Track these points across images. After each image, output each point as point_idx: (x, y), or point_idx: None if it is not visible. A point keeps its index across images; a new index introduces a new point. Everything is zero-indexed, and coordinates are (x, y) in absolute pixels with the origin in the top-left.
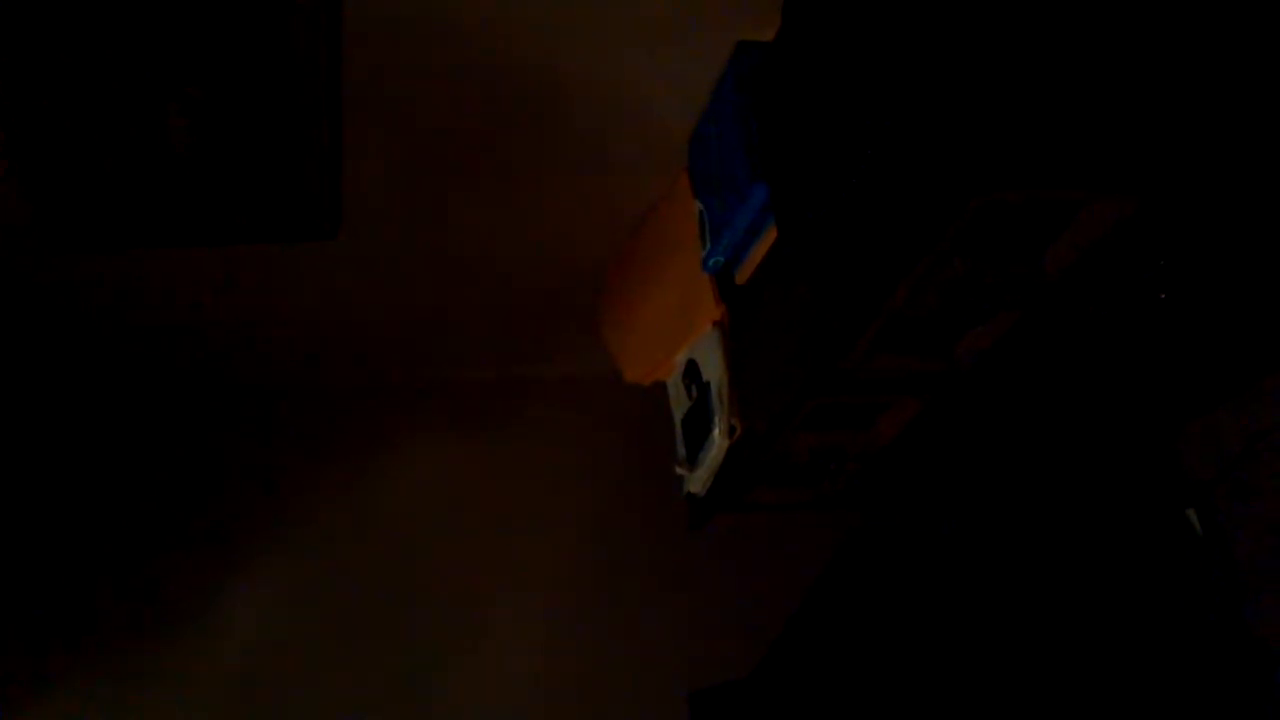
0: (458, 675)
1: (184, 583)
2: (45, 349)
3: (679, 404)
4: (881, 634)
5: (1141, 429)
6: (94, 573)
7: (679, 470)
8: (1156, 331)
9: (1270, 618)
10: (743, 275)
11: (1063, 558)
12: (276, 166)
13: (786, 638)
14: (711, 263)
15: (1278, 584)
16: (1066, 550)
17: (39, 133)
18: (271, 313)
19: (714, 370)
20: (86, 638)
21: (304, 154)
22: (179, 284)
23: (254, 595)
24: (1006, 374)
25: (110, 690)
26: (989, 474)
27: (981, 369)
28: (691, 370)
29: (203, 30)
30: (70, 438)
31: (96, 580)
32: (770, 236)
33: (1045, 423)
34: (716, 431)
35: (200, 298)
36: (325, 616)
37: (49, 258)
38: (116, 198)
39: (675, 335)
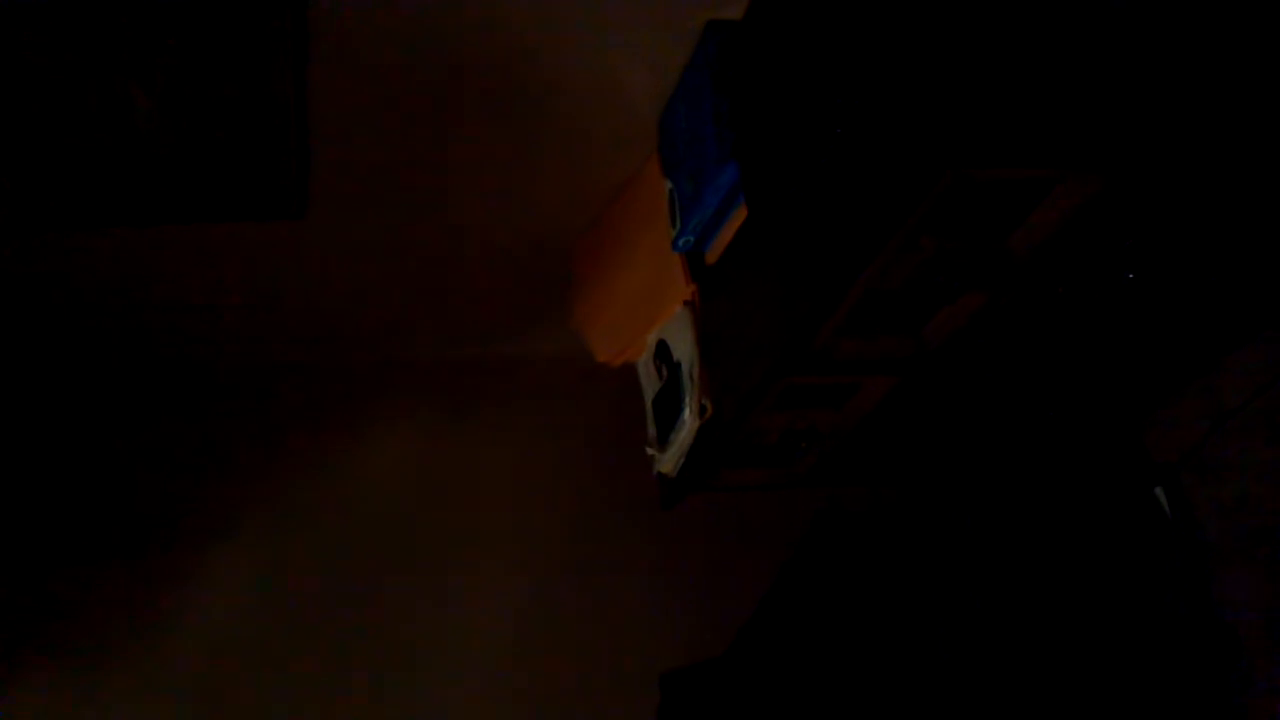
0: (429, 655)
1: (157, 566)
2: (8, 333)
3: (649, 384)
4: (852, 614)
5: (1110, 409)
6: (63, 560)
7: (650, 451)
8: (1124, 311)
9: (1237, 597)
10: (713, 255)
11: (1032, 537)
12: (243, 145)
13: (758, 618)
14: (681, 242)
15: (1245, 563)
16: (1035, 530)
17: (4, 113)
18: (241, 293)
19: (684, 350)
20: (55, 627)
21: (270, 132)
22: (144, 264)
23: (225, 577)
24: (975, 354)
25: (82, 677)
26: (959, 454)
27: (950, 349)
28: (662, 350)
29: (167, 10)
30: (34, 423)
31: (65, 567)
32: (740, 216)
33: (1014, 402)
34: (687, 412)
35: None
36: (299, 596)
37: (15, 238)
38: (83, 177)
39: (645, 315)
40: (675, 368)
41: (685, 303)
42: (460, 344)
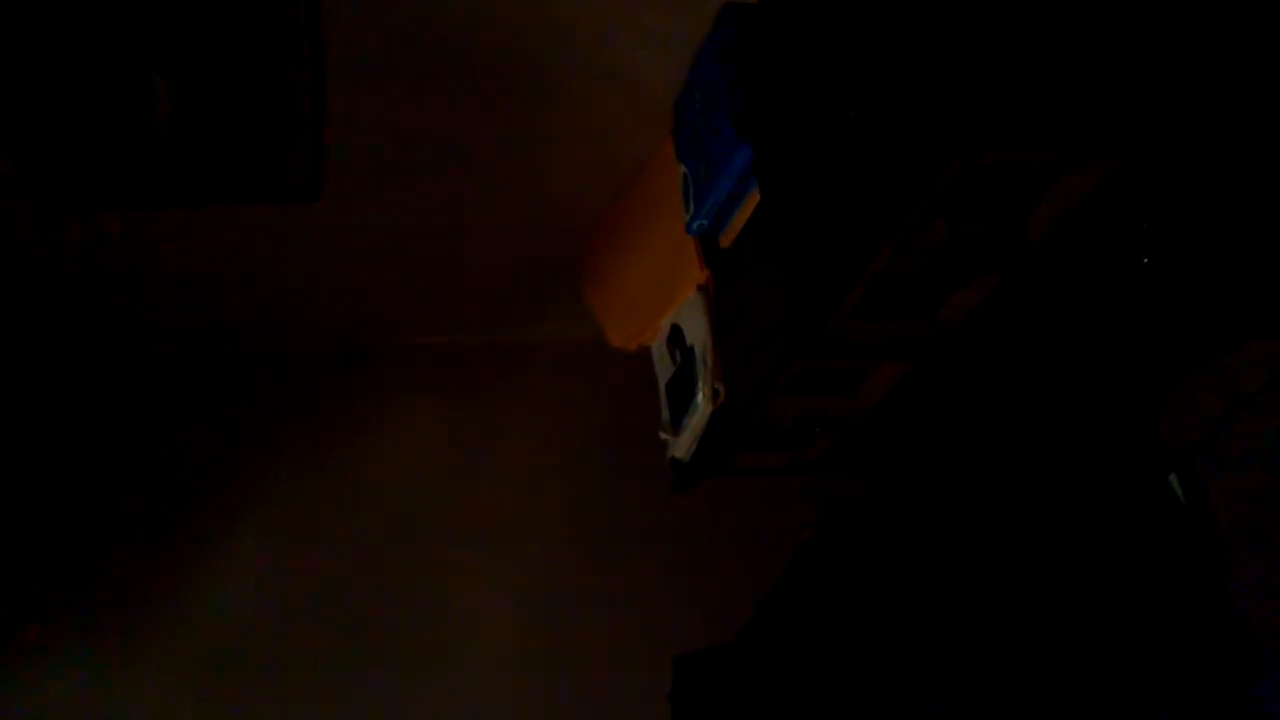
0: (439, 643)
1: (162, 558)
2: (18, 317)
3: (663, 369)
4: (866, 599)
5: (1124, 395)
6: (69, 553)
7: (663, 435)
8: (1139, 295)
9: (1253, 587)
10: (727, 239)
11: (1045, 525)
12: (258, 128)
13: (771, 603)
14: (695, 226)
15: (1260, 551)
16: (1048, 518)
17: (22, 97)
18: (253, 277)
19: (698, 335)
20: (62, 619)
21: (285, 116)
22: (158, 247)
23: (232, 567)
24: (989, 339)
25: (88, 670)
26: (971, 440)
27: (965, 334)
28: (676, 335)
29: None
30: (44, 409)
31: (71, 561)
32: (754, 200)
33: (1028, 388)
34: (700, 396)
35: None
36: (306, 586)
37: (31, 220)
38: (99, 160)
39: (660, 299)
40: (689, 352)
41: (699, 287)
42: (473, 329)
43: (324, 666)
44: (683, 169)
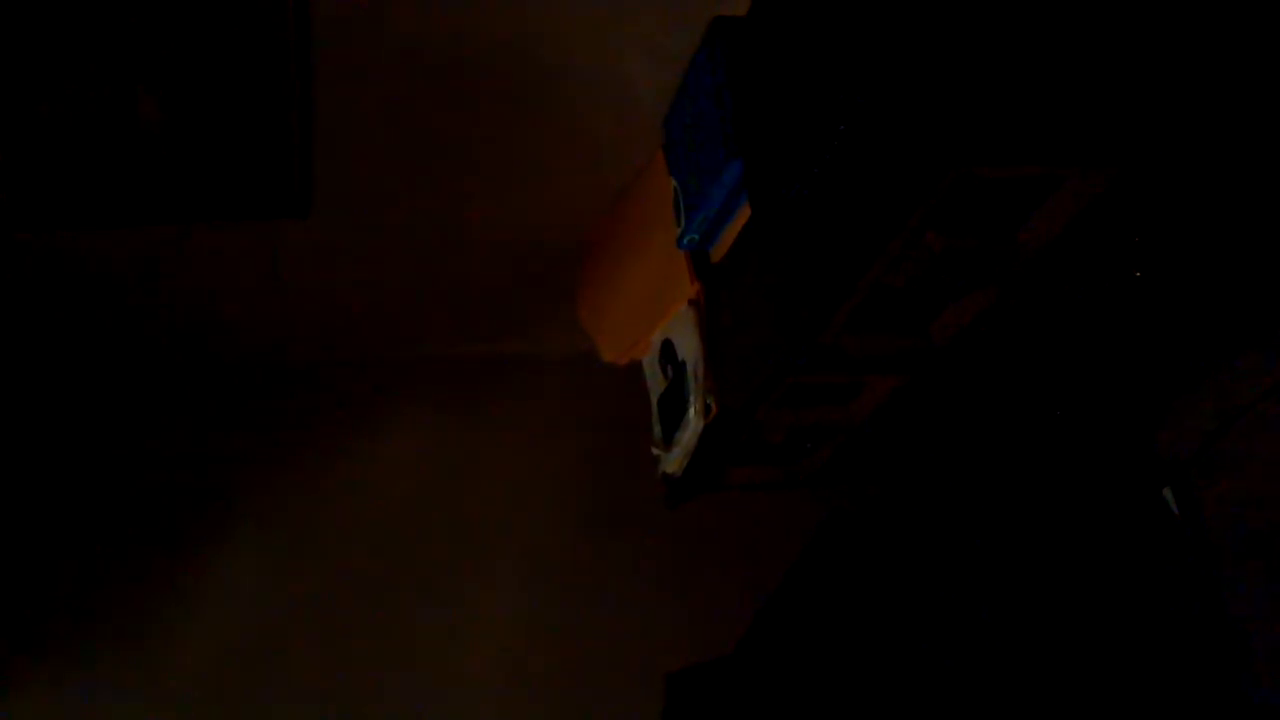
0: (433, 654)
1: (159, 566)
2: (18, 326)
3: (655, 384)
4: (861, 613)
5: (1118, 408)
6: (64, 562)
7: (655, 451)
8: (1132, 309)
9: (1248, 598)
10: (718, 253)
11: (1039, 538)
12: (246, 145)
13: (765, 618)
14: (686, 240)
15: (1254, 564)
16: (1043, 530)
17: (9, 112)
18: (248, 290)
19: (689, 349)
20: (56, 628)
21: (274, 131)
22: (147, 263)
23: (229, 577)
24: (982, 352)
25: (83, 679)
26: (965, 453)
27: (958, 347)
28: (667, 350)
29: (171, 10)
30: (36, 424)
31: (66, 569)
32: (745, 214)
33: (1021, 401)
34: (692, 411)
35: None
36: (303, 596)
37: (20, 235)
38: (87, 176)
39: (651, 314)
40: (680, 367)
41: (690, 301)
42: (464, 343)
43: (320, 676)
44: (674, 183)
